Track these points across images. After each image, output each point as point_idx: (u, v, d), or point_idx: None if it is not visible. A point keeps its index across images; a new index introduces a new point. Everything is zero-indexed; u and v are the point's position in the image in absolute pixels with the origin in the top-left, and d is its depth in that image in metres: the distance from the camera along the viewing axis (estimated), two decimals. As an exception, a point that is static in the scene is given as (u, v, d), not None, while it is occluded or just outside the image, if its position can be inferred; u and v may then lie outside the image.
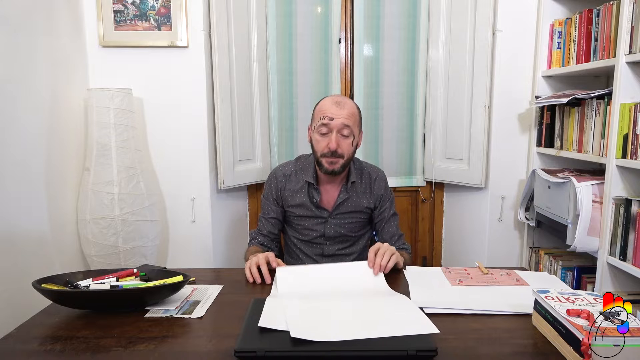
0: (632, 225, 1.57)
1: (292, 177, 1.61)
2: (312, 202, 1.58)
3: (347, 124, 1.45)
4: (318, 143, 1.49)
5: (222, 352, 0.89)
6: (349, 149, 1.48)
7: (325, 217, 1.59)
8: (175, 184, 2.22)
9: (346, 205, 1.59)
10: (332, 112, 1.45)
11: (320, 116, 1.47)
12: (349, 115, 1.46)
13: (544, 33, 2.12)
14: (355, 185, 1.59)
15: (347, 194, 1.58)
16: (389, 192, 1.65)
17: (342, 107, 1.46)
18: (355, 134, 1.49)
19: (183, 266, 2.17)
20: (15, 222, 1.59)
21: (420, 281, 1.24)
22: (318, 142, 1.49)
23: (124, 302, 1.08)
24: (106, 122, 1.90)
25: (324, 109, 1.47)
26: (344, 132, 1.46)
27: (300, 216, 1.60)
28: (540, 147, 2.16)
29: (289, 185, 1.60)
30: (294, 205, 1.60)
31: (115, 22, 2.09)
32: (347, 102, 1.49)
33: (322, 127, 1.46)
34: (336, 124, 1.44)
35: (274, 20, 2.36)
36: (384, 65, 2.41)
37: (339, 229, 1.60)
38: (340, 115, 1.44)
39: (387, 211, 1.62)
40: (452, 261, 2.55)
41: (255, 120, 2.39)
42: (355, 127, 1.49)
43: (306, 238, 1.62)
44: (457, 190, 2.48)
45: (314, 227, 1.60)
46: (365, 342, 0.87)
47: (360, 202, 1.60)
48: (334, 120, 1.44)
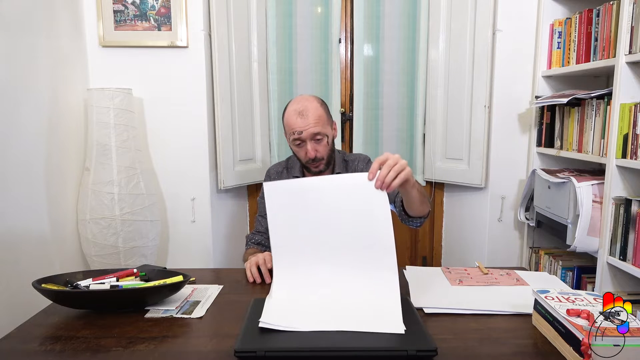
0: (632, 225, 1.57)
1: (284, 175, 1.66)
2: None
3: (316, 132, 1.46)
4: (297, 153, 1.54)
5: (222, 352, 0.89)
6: (325, 148, 1.51)
7: None
8: (175, 184, 2.22)
9: None
10: (298, 125, 1.45)
11: (289, 131, 1.49)
12: (315, 121, 1.46)
13: (544, 33, 2.12)
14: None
15: None
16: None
17: (306, 116, 1.45)
18: (327, 133, 1.50)
19: (183, 266, 2.17)
20: (15, 222, 1.59)
21: (420, 281, 1.24)
22: (297, 152, 1.53)
23: (124, 302, 1.08)
24: (106, 122, 1.90)
25: (290, 124, 1.48)
26: (317, 138, 1.48)
27: None
28: (540, 147, 2.16)
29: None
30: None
31: (115, 22, 2.09)
32: (309, 107, 1.47)
33: (294, 141, 1.49)
34: (307, 135, 1.46)
35: (274, 20, 2.36)
36: (384, 65, 2.41)
37: None
38: (307, 126, 1.45)
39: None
40: (452, 261, 2.55)
41: (255, 120, 2.39)
42: (326, 126, 1.50)
43: None
44: (457, 190, 2.48)
45: None
46: (365, 342, 0.87)
47: None
48: (303, 132, 1.45)
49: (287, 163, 1.70)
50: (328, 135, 1.51)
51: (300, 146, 1.49)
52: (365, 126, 2.45)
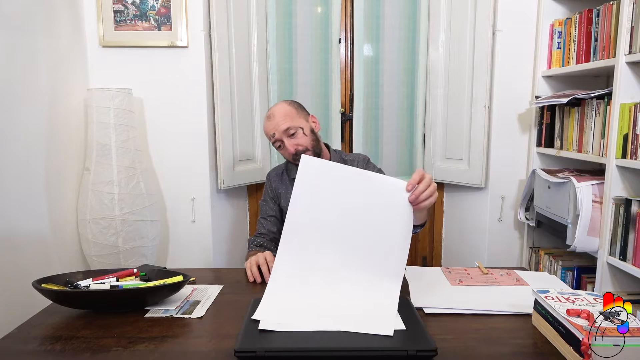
0: (632, 225, 1.57)
1: (284, 176, 1.70)
2: None
3: (285, 128, 1.53)
4: (284, 155, 1.62)
5: (222, 352, 0.89)
6: (304, 139, 1.56)
7: None
8: (175, 184, 2.22)
9: None
10: (270, 128, 1.56)
11: (268, 138, 1.60)
12: (281, 119, 1.54)
13: (544, 33, 2.12)
14: None
15: None
16: (375, 168, 1.67)
17: (273, 118, 1.56)
18: (300, 125, 1.56)
19: (183, 266, 2.17)
20: (15, 222, 1.59)
21: (420, 281, 1.24)
22: (283, 155, 1.62)
23: (124, 302, 1.08)
24: (106, 122, 1.90)
25: (265, 131, 1.60)
26: (290, 133, 1.54)
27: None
28: (540, 147, 2.16)
29: (281, 185, 1.69)
30: (287, 203, 1.60)
31: (115, 22, 2.09)
32: (275, 110, 1.58)
33: (274, 144, 1.58)
34: (279, 134, 1.54)
35: (274, 20, 2.36)
36: (384, 65, 2.41)
37: None
38: (276, 125, 1.54)
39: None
40: (452, 261, 2.55)
41: (255, 120, 2.39)
42: (296, 119, 1.56)
43: None
44: (457, 190, 2.47)
45: None
46: (365, 342, 0.87)
47: None
48: (275, 133, 1.55)
49: (286, 165, 1.73)
50: (302, 127, 1.56)
51: (281, 147, 1.58)
52: (365, 126, 2.45)
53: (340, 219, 1.07)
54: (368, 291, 1.04)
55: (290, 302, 1.02)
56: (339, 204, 1.07)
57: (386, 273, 1.05)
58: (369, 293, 1.04)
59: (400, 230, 1.05)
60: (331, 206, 1.08)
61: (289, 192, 1.61)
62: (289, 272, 1.07)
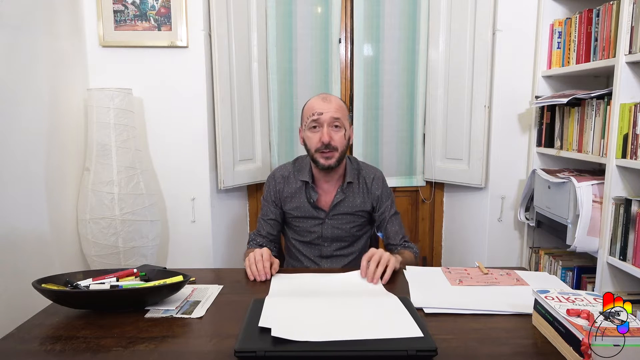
0: (632, 225, 1.57)
1: (291, 179, 1.61)
2: (309, 202, 1.58)
3: (336, 117, 1.47)
4: (310, 139, 1.50)
5: (222, 352, 0.89)
6: (342, 141, 1.50)
7: (322, 218, 1.59)
8: (175, 184, 2.22)
9: (343, 206, 1.58)
10: (321, 107, 1.48)
11: (309, 113, 1.49)
12: (337, 108, 1.49)
13: (544, 33, 2.12)
14: (353, 186, 1.59)
15: (344, 195, 1.58)
16: (388, 191, 1.64)
17: (329, 101, 1.49)
18: (346, 126, 1.51)
19: (183, 266, 2.17)
20: (15, 222, 1.59)
21: (420, 281, 1.24)
22: (310, 138, 1.50)
23: (124, 302, 1.08)
24: (106, 122, 1.90)
25: (312, 106, 1.50)
26: (335, 124, 1.48)
27: (298, 217, 1.60)
28: (540, 147, 2.16)
29: (287, 187, 1.60)
30: (292, 207, 1.60)
31: (115, 22, 2.09)
32: (333, 97, 1.53)
33: (313, 122, 1.48)
34: (326, 118, 1.47)
35: (274, 20, 2.36)
36: (384, 65, 2.41)
37: (335, 231, 1.59)
38: (329, 109, 1.47)
39: (387, 211, 1.61)
40: (452, 261, 2.55)
41: (255, 120, 2.39)
42: (345, 120, 1.51)
43: (305, 239, 1.62)
44: (457, 190, 2.48)
45: (311, 228, 1.60)
46: (365, 342, 0.87)
47: (356, 204, 1.59)
48: (323, 114, 1.47)
49: (293, 166, 1.64)
50: (346, 129, 1.51)
51: (316, 130, 1.48)
52: (365, 126, 2.45)
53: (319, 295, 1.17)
54: (373, 302, 1.07)
55: (297, 313, 1.00)
56: (317, 289, 1.20)
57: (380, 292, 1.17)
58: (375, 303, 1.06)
59: (385, 299, 1.10)
60: (311, 290, 1.20)
61: (296, 195, 1.59)
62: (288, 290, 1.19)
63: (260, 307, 1.01)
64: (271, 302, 1.04)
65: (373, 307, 1.03)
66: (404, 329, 0.90)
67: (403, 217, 2.53)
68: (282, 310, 1.00)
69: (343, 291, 1.18)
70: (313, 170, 1.58)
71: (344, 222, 1.59)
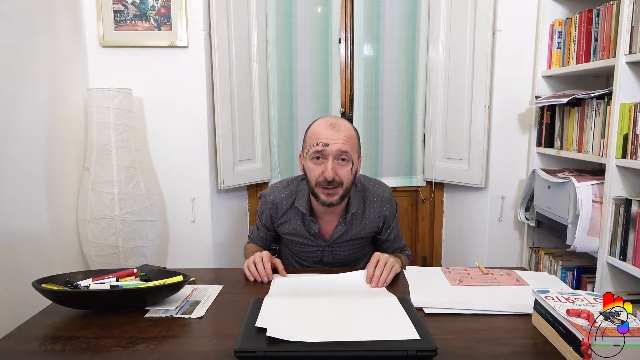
0: (632, 225, 1.57)
1: (285, 205, 1.45)
2: (309, 232, 1.45)
3: (344, 150, 1.27)
4: (312, 171, 1.31)
5: (222, 352, 0.89)
6: (348, 176, 1.31)
7: (322, 246, 1.48)
8: (175, 184, 2.22)
9: (346, 235, 1.46)
10: (327, 136, 1.27)
11: (313, 142, 1.28)
12: (346, 139, 1.28)
13: (544, 33, 2.12)
14: (357, 213, 1.44)
15: (346, 226, 1.44)
16: (395, 208, 1.52)
17: (338, 129, 1.28)
18: (354, 159, 1.31)
19: (183, 266, 2.17)
20: (15, 222, 1.59)
21: (420, 281, 1.24)
22: (312, 170, 1.31)
23: (124, 302, 1.08)
24: (106, 122, 1.90)
25: (317, 133, 1.29)
26: (341, 158, 1.29)
27: (296, 242, 1.49)
28: (540, 147, 2.16)
29: (281, 213, 1.46)
30: (289, 231, 1.48)
31: (115, 22, 2.09)
32: (343, 123, 1.31)
33: (316, 153, 1.28)
34: (332, 150, 1.27)
35: (274, 20, 2.36)
36: (384, 65, 2.41)
37: (337, 257, 1.50)
38: (337, 140, 1.27)
39: (394, 231, 1.52)
40: (452, 261, 2.55)
41: (255, 120, 2.39)
42: (354, 152, 1.32)
43: (304, 263, 1.54)
44: (457, 190, 2.47)
45: (310, 254, 1.50)
46: (365, 342, 0.87)
47: (361, 230, 1.46)
48: (330, 145, 1.26)
49: (289, 190, 1.46)
50: (354, 162, 1.32)
51: (319, 162, 1.29)
52: (365, 126, 2.45)
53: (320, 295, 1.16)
54: (372, 303, 1.07)
55: (296, 313, 1.00)
56: (317, 290, 1.20)
57: (381, 292, 1.18)
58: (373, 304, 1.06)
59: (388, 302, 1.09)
60: (311, 290, 1.20)
61: (292, 221, 1.45)
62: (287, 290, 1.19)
63: (260, 307, 1.01)
64: (270, 302, 1.04)
65: (371, 308, 1.03)
66: (402, 331, 0.90)
67: (403, 217, 2.54)
68: (279, 311, 1.00)
69: (343, 291, 1.18)
70: (312, 201, 1.41)
71: (346, 248, 1.49)
